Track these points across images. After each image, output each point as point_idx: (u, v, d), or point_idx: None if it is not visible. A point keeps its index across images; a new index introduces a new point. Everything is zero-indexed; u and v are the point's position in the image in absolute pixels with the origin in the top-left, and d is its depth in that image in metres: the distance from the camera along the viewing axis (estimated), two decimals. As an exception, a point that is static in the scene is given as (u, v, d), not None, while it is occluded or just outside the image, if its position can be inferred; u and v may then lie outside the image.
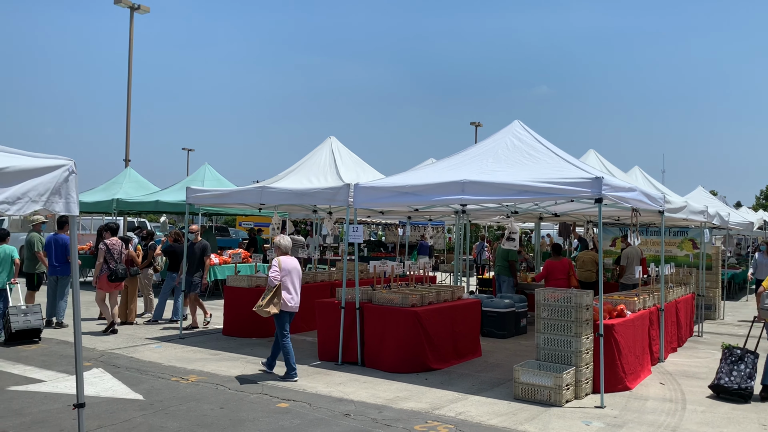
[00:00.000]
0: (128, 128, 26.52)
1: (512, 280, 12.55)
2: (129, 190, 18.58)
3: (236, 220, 39.55)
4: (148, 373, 8.10)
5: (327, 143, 11.15)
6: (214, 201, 10.65)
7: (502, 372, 8.45)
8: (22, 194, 4.16)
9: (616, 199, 7.48)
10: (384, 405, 6.85)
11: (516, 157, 8.53)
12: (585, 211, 11.95)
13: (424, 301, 8.76)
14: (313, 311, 9.63)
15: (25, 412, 6.40)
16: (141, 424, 6.09)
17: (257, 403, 6.84)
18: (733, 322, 14.17)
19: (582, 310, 7.24)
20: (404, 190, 8.35)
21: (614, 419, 6.49)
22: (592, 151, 12.25)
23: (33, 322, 9.96)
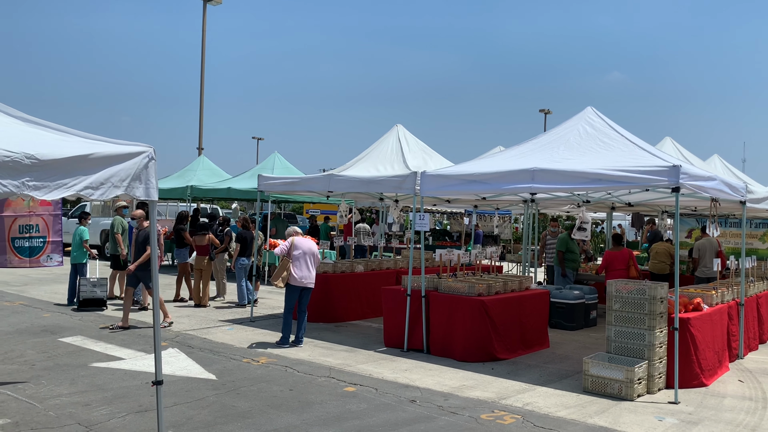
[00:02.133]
0: (201, 117, 27.37)
1: (560, 270, 12.34)
2: (202, 177, 19.17)
3: (303, 207, 40.23)
4: (220, 354, 8.37)
5: (393, 131, 11.18)
6: (284, 188, 10.86)
7: (570, 364, 8.29)
8: (105, 180, 4.35)
9: (694, 189, 7.18)
10: (450, 393, 6.85)
11: (589, 145, 8.31)
12: (660, 201, 11.52)
13: (491, 291, 8.68)
14: (380, 298, 9.70)
15: (107, 387, 6.74)
16: (214, 402, 6.31)
17: (325, 386, 6.96)
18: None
19: (656, 303, 7.00)
20: (472, 178, 8.27)
21: (689, 416, 6.27)
22: (669, 138, 11.79)
23: (98, 293, 11.50)
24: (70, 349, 8.45)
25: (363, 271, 11.78)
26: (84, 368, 7.48)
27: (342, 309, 11.10)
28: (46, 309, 11.44)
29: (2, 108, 4.60)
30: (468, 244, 17.19)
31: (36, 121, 4.59)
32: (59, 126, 4.64)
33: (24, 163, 3.93)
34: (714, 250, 11.51)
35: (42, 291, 13.62)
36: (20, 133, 4.34)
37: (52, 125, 4.62)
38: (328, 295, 10.93)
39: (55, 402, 6.19)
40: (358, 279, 11.51)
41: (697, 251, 11.77)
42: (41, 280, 15.41)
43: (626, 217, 24.45)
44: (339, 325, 10.77)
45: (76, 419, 5.72)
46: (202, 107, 27.30)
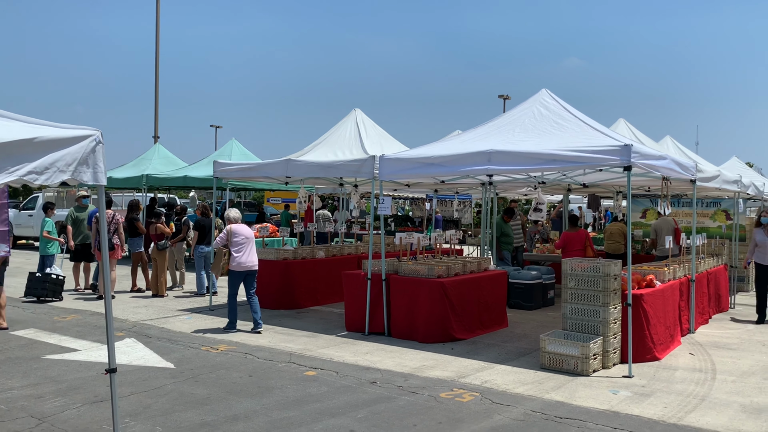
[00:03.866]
0: (156, 105, 26.82)
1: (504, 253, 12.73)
2: (158, 166, 18.82)
3: (264, 196, 39.86)
4: (178, 343, 8.26)
5: (352, 115, 11.12)
6: (241, 174, 10.73)
7: (528, 342, 8.44)
8: (50, 164, 4.21)
9: (645, 168, 7.34)
10: (410, 373, 6.90)
11: (543, 126, 8.41)
12: (614, 182, 11.75)
13: (450, 272, 8.75)
14: (341, 283, 9.69)
15: (61, 379, 6.59)
16: (172, 390, 6.23)
17: (285, 372, 6.94)
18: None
19: (610, 280, 7.16)
20: (430, 161, 8.30)
21: (642, 388, 6.45)
22: (622, 120, 12.02)
23: (39, 291, 11.35)
24: (22, 342, 8.24)
25: (324, 257, 11.74)
26: (37, 361, 7.30)
27: (303, 295, 11.06)
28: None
29: (-61, 91, 4.42)
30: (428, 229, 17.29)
31: (-25, 105, 4.42)
32: (1, 111, 4.47)
33: (-38, 148, 3.78)
34: (671, 229, 11.74)
35: (-8, 285, 13.20)
36: (-42, 117, 4.18)
37: (-8, 109, 4.45)
38: (289, 281, 10.87)
39: (7, 395, 6.03)
40: (319, 265, 11.48)
41: (654, 231, 12.02)
42: (-8, 274, 14.92)
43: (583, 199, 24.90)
44: (300, 311, 10.73)
45: (28, 412, 5.58)
46: (157, 95, 26.74)
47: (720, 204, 15.11)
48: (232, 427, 5.28)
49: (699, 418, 5.58)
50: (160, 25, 26.51)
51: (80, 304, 11.06)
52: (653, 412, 5.71)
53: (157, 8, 26.30)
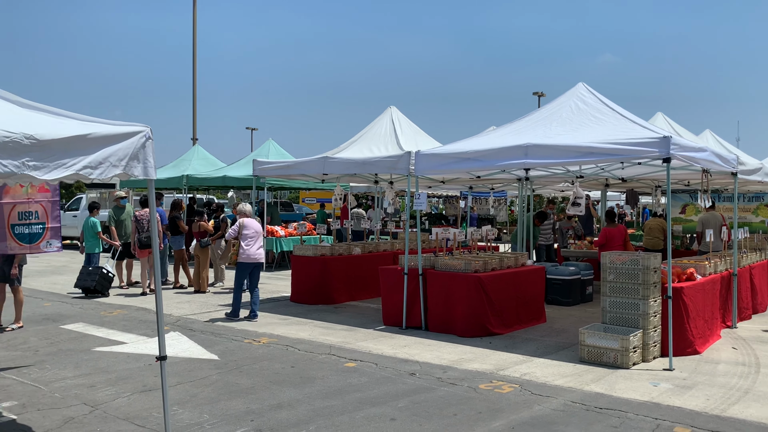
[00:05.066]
0: (195, 108, 27.35)
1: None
2: (197, 167, 19.21)
3: (300, 196, 40.26)
4: (222, 336, 8.47)
5: (387, 113, 11.23)
6: (280, 172, 10.93)
7: (567, 337, 8.42)
8: (103, 159, 4.41)
9: (685, 160, 7.27)
10: (448, 366, 6.97)
11: (581, 120, 8.38)
12: (653, 176, 11.61)
13: (487, 267, 8.78)
14: (377, 279, 9.80)
15: (111, 369, 6.84)
16: (217, 381, 6.41)
17: (326, 363, 7.07)
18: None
19: (650, 273, 7.11)
20: (466, 156, 8.34)
21: (683, 381, 6.40)
22: (660, 114, 11.87)
23: (88, 282, 11.75)
24: (73, 335, 8.54)
25: (360, 254, 11.87)
26: (87, 353, 7.57)
27: (340, 291, 11.20)
28: (47, 298, 11.52)
29: (1, 93, 4.65)
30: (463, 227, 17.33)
31: (34, 105, 4.64)
32: (56, 109, 4.69)
33: (23, 144, 3.99)
34: (718, 224, 11.41)
35: (42, 282, 13.69)
36: (19, 116, 4.39)
37: (49, 109, 4.66)
38: (326, 277, 11.03)
39: (60, 384, 6.28)
40: (355, 261, 11.61)
41: (700, 224, 11.76)
42: (41, 272, 15.47)
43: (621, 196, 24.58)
44: (338, 306, 10.87)
45: (81, 400, 5.81)
46: (195, 98, 27.28)
47: (763, 198, 14.79)
48: (277, 414, 5.42)
49: (743, 410, 5.53)
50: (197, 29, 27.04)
51: (125, 300, 11.40)
52: (695, 404, 5.67)
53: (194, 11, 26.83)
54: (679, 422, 5.23)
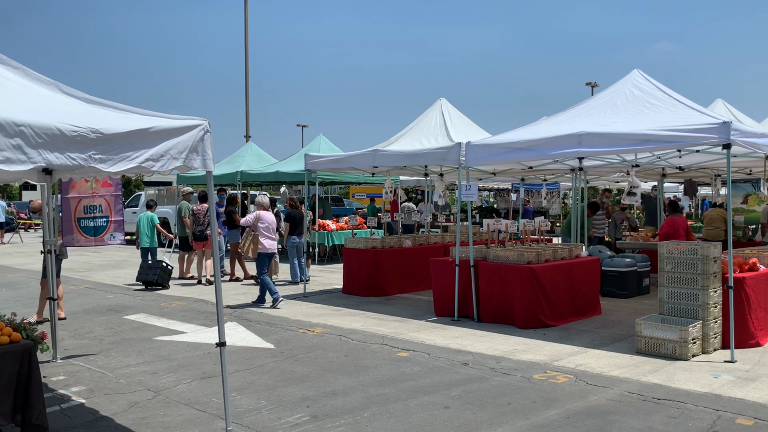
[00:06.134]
0: (247, 105, 27.85)
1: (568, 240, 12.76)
2: (251, 163, 19.58)
3: (350, 191, 40.59)
4: (277, 326, 8.65)
5: (437, 105, 11.21)
6: (330, 166, 11.05)
7: (623, 329, 8.27)
8: (164, 152, 4.57)
9: (746, 146, 7.03)
10: (502, 356, 6.95)
11: (636, 107, 8.20)
12: (712, 164, 11.25)
13: (540, 259, 8.70)
14: (428, 272, 9.82)
15: (172, 357, 7.08)
16: (273, 368, 6.57)
17: (379, 352, 7.15)
18: None
19: (709, 263, 6.92)
20: (518, 146, 8.27)
21: (746, 373, 6.21)
22: (720, 100, 11.51)
23: (150, 276, 12.19)
24: (135, 325, 8.86)
25: (411, 246, 11.91)
26: (149, 341, 7.85)
27: (391, 283, 11.27)
28: (110, 291, 11.98)
29: (67, 90, 4.87)
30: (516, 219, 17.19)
31: (98, 101, 4.84)
32: (119, 104, 4.88)
33: (90, 137, 4.17)
34: None
35: (104, 275, 14.23)
36: (84, 111, 4.59)
37: (113, 104, 4.86)
38: (378, 269, 11.11)
39: (125, 371, 6.54)
40: (406, 254, 11.66)
41: (765, 216, 11.35)
42: (103, 266, 16.08)
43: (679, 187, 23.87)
44: (389, 298, 10.95)
45: (145, 386, 6.04)
46: (248, 96, 27.73)
47: (832, 187, 14.15)
48: (332, 401, 5.52)
49: (810, 403, 5.34)
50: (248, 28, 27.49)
51: (184, 292, 11.75)
52: (759, 396, 5.51)
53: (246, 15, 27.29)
54: (741, 414, 5.09)
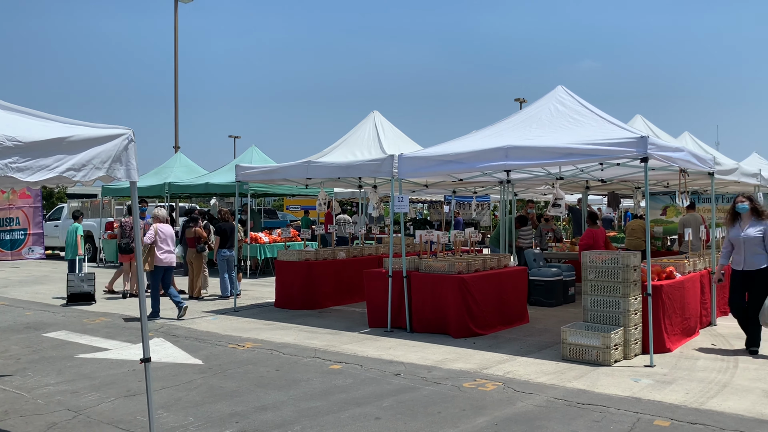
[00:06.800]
0: (176, 116, 27.23)
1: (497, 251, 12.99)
2: (180, 174, 19.13)
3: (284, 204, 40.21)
4: (206, 341, 8.46)
5: (370, 117, 11.29)
6: (263, 177, 10.93)
7: (549, 336, 8.51)
8: (86, 161, 4.42)
9: (662, 159, 7.40)
10: (433, 366, 7.02)
11: (560, 122, 8.50)
12: (632, 176, 11.76)
13: (470, 269, 8.86)
14: (362, 283, 9.84)
15: (95, 375, 6.80)
16: (202, 384, 6.41)
17: (311, 366, 7.09)
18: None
19: (629, 271, 7.23)
20: (448, 159, 8.43)
21: (664, 376, 6.50)
22: (639, 116, 12.06)
23: (85, 288, 11.72)
24: (55, 342, 8.48)
25: (345, 258, 11.90)
26: (70, 359, 7.53)
27: (325, 295, 11.22)
28: (29, 308, 11.41)
29: (-20, 96, 4.65)
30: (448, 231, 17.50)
31: (16, 108, 4.63)
32: (39, 112, 4.69)
33: (6, 146, 3.99)
34: (698, 225, 11.53)
35: (23, 291, 13.55)
36: (1, 118, 4.39)
37: (32, 111, 4.67)
38: (311, 282, 11.04)
39: (43, 391, 6.24)
40: (340, 266, 11.64)
41: (681, 226, 11.91)
42: (21, 282, 15.31)
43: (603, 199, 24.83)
44: (322, 311, 10.89)
45: (65, 405, 5.78)
46: (177, 105, 27.11)
47: (740, 199, 15.04)
48: (262, 416, 5.43)
49: (721, 403, 5.63)
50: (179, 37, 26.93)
51: (108, 308, 11.32)
52: (675, 398, 5.77)
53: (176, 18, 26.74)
54: (659, 416, 5.31)
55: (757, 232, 7.40)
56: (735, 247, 7.63)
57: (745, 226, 7.51)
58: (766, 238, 7.38)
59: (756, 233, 7.40)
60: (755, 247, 7.39)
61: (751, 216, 7.52)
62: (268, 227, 22.50)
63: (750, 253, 7.43)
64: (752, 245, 7.40)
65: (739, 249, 7.54)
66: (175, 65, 26.98)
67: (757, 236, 7.38)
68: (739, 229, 7.55)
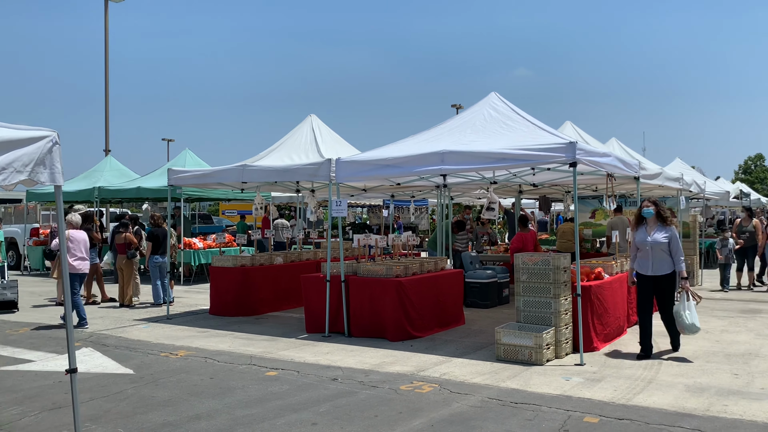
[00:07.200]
0: (107, 118, 26.37)
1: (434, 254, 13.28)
2: (110, 179, 18.52)
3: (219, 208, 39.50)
4: (137, 350, 8.21)
5: (307, 121, 11.24)
6: (196, 181, 10.71)
7: (484, 337, 8.66)
8: (6, 164, 4.22)
9: (590, 164, 7.66)
10: (370, 369, 7.03)
11: (493, 128, 8.69)
12: (562, 181, 12.15)
13: (408, 272, 8.93)
14: (299, 288, 9.76)
15: (17, 388, 6.50)
16: (132, 395, 6.21)
17: (246, 373, 6.99)
18: (711, 288, 14.51)
19: (560, 272, 7.44)
20: (385, 163, 8.49)
21: (593, 374, 6.72)
22: (569, 122, 12.45)
23: (9, 296, 11.31)
24: (-26, 355, 8.05)
25: (282, 263, 11.79)
26: (-10, 372, 7.16)
27: (261, 302, 11.07)
28: (-56, 319, 10.80)
29: None
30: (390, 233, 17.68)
31: (-73, 108, 4.40)
32: (-47, 113, 4.46)
33: None
34: (625, 227, 11.99)
35: (-62, 302, 12.80)
36: None
37: (-55, 112, 4.44)
38: (247, 288, 10.87)
39: (-40, 406, 5.92)
40: (277, 271, 11.52)
41: (609, 229, 12.35)
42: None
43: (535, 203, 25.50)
44: (259, 317, 10.74)
45: (-16, 421, 5.50)
46: (107, 107, 26.24)
47: (665, 202, 15.70)
48: (195, 425, 5.31)
49: (646, 399, 5.86)
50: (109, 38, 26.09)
51: (35, 316, 10.84)
52: (604, 395, 5.97)
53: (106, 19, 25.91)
54: (588, 412, 5.49)
55: (664, 238, 7.37)
56: (641, 252, 7.52)
57: (652, 231, 7.47)
58: (671, 244, 7.36)
59: (662, 239, 7.37)
60: (662, 252, 7.38)
61: (657, 221, 7.49)
62: (203, 232, 22.08)
63: (657, 259, 7.40)
64: (659, 250, 7.38)
65: (646, 254, 7.46)
66: (105, 66, 26.13)
67: (664, 242, 7.36)
68: (646, 234, 7.49)
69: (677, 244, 7.37)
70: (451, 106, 47.73)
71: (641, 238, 7.49)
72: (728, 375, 6.70)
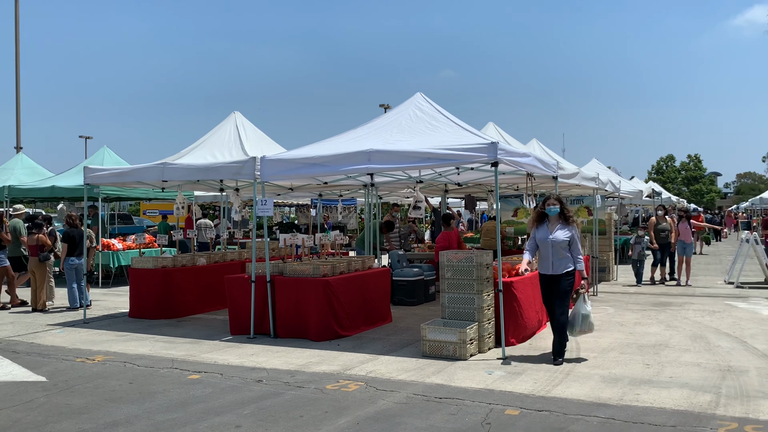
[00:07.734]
0: (18, 114, 25.08)
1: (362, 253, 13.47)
2: (22, 177, 17.60)
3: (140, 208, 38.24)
4: (50, 356, 7.83)
5: (231, 118, 11.03)
6: (115, 180, 10.31)
7: (411, 334, 8.75)
8: None
9: (511, 164, 7.87)
10: (296, 370, 6.98)
11: (419, 127, 8.79)
12: (486, 180, 12.43)
13: (335, 271, 8.90)
14: (224, 289, 9.56)
15: None
16: (44, 403, 5.92)
17: (168, 377, 6.79)
18: (625, 283, 15.21)
19: (483, 269, 7.61)
20: (312, 161, 8.43)
21: (514, 368, 6.91)
22: (492, 123, 12.73)
23: None
24: None
25: (206, 264, 11.52)
26: None
27: (184, 303, 10.79)
28: None
29: None
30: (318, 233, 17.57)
31: None
32: None
33: None
34: None
35: None
36: None
37: None
38: (169, 290, 10.57)
39: None
40: (200, 272, 11.25)
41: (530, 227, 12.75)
42: None
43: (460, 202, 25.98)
44: (181, 320, 10.46)
45: None
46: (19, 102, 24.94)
47: (582, 201, 16.32)
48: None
49: (564, 390, 6.08)
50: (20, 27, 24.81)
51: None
52: (524, 388, 6.15)
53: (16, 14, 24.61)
54: (509, 405, 5.64)
55: (566, 236, 7.17)
56: (541, 249, 7.32)
57: (554, 229, 7.25)
58: (572, 243, 7.19)
59: (564, 237, 7.17)
60: (562, 251, 7.18)
61: (559, 219, 7.27)
62: (123, 233, 21.31)
63: (557, 257, 7.19)
64: (559, 249, 7.17)
65: (547, 252, 7.24)
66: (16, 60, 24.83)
67: (565, 240, 7.17)
68: (547, 231, 7.26)
69: (578, 244, 7.23)
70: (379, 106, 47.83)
71: (543, 235, 7.28)
72: (640, 365, 7.03)
